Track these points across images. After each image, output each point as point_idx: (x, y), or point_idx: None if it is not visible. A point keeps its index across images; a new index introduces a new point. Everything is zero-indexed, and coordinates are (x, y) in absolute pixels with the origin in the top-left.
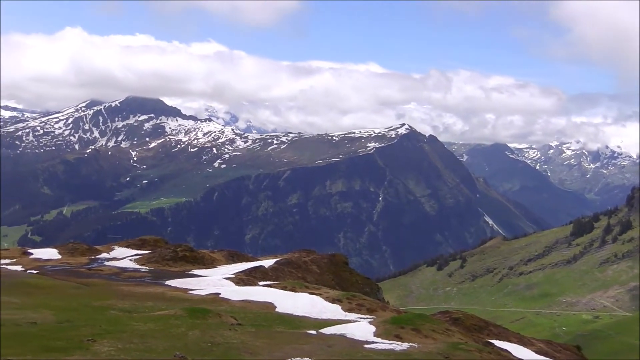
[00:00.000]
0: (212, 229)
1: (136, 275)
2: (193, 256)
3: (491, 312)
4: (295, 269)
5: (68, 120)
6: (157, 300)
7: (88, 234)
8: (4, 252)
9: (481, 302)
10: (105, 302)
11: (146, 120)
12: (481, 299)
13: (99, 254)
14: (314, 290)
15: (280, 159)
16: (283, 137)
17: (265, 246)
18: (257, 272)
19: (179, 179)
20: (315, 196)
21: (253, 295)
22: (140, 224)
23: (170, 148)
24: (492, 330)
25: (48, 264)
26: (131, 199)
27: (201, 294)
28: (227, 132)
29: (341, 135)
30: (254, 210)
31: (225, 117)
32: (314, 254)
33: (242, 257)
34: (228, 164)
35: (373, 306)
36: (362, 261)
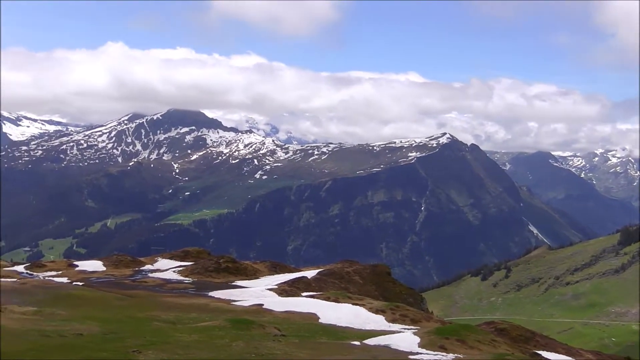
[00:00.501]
0: (254, 240)
1: (180, 286)
2: (236, 267)
3: (537, 323)
4: (337, 280)
5: (111, 133)
6: (201, 312)
7: (132, 246)
8: (51, 264)
9: (527, 313)
10: (150, 314)
11: (187, 132)
12: (527, 309)
13: (142, 265)
14: (357, 301)
15: (321, 170)
16: (324, 148)
17: (307, 257)
18: (299, 283)
19: (220, 191)
20: (357, 206)
21: (296, 306)
22: (183, 236)
23: (212, 160)
24: (539, 341)
25: (93, 276)
26: (174, 211)
27: (244, 305)
28: (267, 144)
29: (382, 145)
30: (296, 221)
31: (266, 129)
32: (356, 264)
33: (285, 268)
34: (269, 175)
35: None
36: (405, 271)
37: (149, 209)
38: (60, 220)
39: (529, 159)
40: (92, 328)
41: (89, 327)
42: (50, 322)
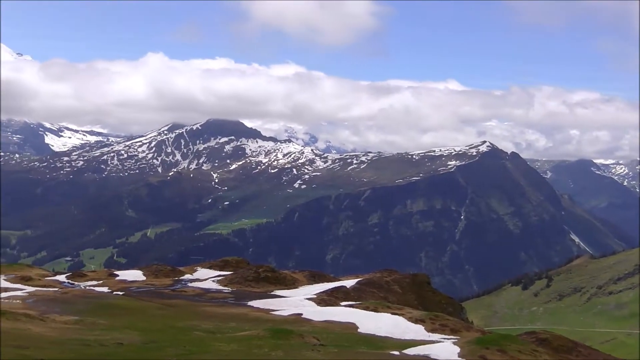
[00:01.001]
0: (293, 250)
1: (219, 296)
2: (275, 277)
3: (580, 333)
4: (377, 289)
5: (151, 143)
6: (240, 321)
7: (171, 256)
8: (92, 274)
9: (569, 322)
10: (189, 323)
11: (227, 142)
12: (569, 319)
13: (182, 275)
14: (397, 311)
15: (360, 179)
16: (363, 157)
17: (346, 266)
18: (338, 293)
19: (259, 200)
20: (396, 215)
21: (335, 316)
22: (222, 245)
23: (251, 169)
24: (582, 352)
25: (133, 286)
26: (213, 221)
27: (283, 314)
28: (306, 153)
29: (421, 154)
30: (335, 230)
31: (305, 138)
32: (395, 273)
33: (324, 277)
34: (308, 184)
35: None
36: (445, 281)
37: (189, 219)
38: (101, 230)
39: (571, 167)
40: (132, 337)
41: (130, 336)
42: (91, 332)
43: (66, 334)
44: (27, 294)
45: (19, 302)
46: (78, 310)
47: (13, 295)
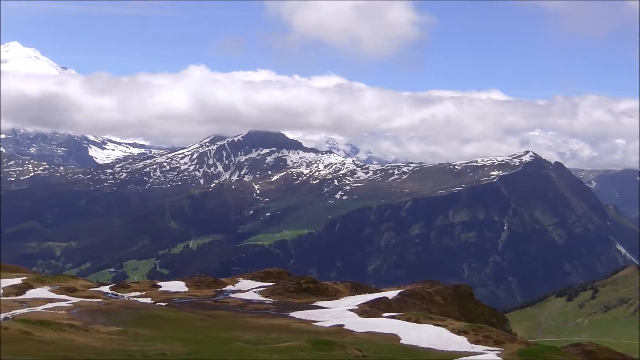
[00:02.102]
0: (335, 261)
1: (261, 307)
2: (316, 288)
3: (626, 346)
4: (419, 300)
5: (193, 155)
6: (282, 332)
7: (213, 267)
8: (135, 285)
9: (615, 335)
10: (231, 334)
11: (268, 153)
12: (615, 331)
13: (224, 286)
14: (439, 322)
15: (402, 189)
16: (404, 168)
17: (388, 277)
18: (380, 304)
19: (301, 211)
20: (438, 226)
21: (377, 327)
22: (264, 257)
23: (292, 181)
24: None
25: (176, 297)
26: (254, 232)
27: (325, 325)
28: (347, 164)
29: (463, 164)
30: (376, 241)
31: (346, 149)
32: (437, 284)
33: (365, 288)
34: (349, 195)
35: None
36: (488, 292)
37: (230, 230)
38: (143, 241)
39: (616, 177)
40: (175, 348)
41: (172, 347)
42: (135, 342)
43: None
44: (71, 304)
45: (63, 312)
46: (122, 321)
47: (58, 306)
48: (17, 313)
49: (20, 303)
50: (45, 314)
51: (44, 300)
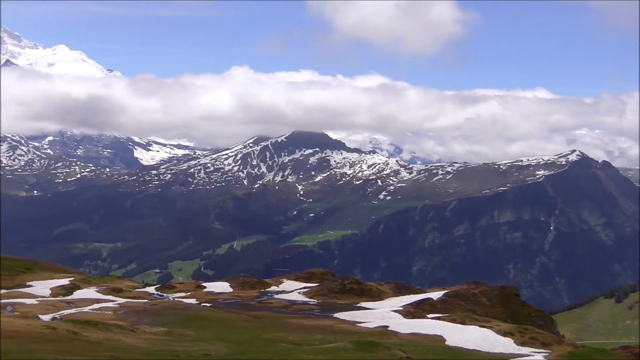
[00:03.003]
0: (379, 261)
1: (305, 308)
2: (360, 289)
3: None
4: (464, 302)
5: (237, 156)
6: (326, 333)
7: (257, 268)
8: (180, 286)
9: None
10: (276, 335)
11: (311, 154)
12: None
13: (268, 287)
14: (485, 323)
15: (446, 190)
16: (448, 167)
17: (432, 278)
18: (425, 305)
19: (344, 212)
20: (483, 227)
21: (422, 328)
22: (308, 257)
23: (336, 181)
24: None
25: (220, 297)
26: (298, 233)
27: (369, 326)
28: (391, 164)
29: (508, 164)
30: (420, 242)
31: (389, 149)
32: (483, 285)
33: (410, 289)
34: (393, 195)
35: (547, 340)
36: (534, 293)
37: (274, 231)
38: (188, 242)
39: None
40: (220, 349)
41: (217, 347)
42: (180, 343)
43: (156, 344)
44: (118, 305)
45: (110, 313)
46: (167, 321)
47: (105, 306)
48: (65, 313)
49: (68, 303)
50: (92, 315)
51: (91, 301)
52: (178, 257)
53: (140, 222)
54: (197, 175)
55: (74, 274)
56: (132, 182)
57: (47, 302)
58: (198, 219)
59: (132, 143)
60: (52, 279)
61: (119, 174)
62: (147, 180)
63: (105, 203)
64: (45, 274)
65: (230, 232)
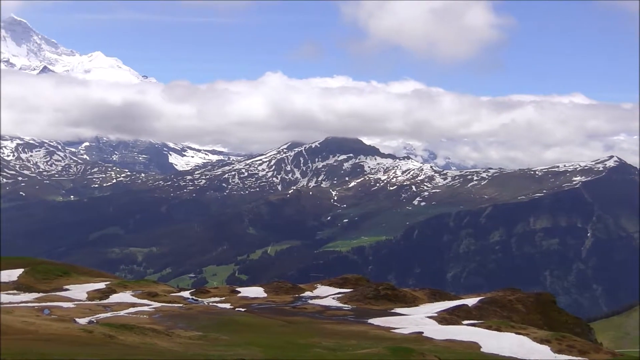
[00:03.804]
0: (413, 267)
1: (339, 313)
2: (395, 294)
3: None
4: (499, 308)
5: (271, 162)
6: (360, 339)
7: (291, 273)
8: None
9: None
10: (310, 340)
11: (345, 160)
12: None
13: (302, 292)
14: (521, 330)
15: (481, 195)
16: (483, 173)
17: (467, 284)
18: (460, 311)
19: (378, 218)
20: (519, 233)
21: (457, 335)
22: (342, 263)
23: (370, 187)
24: None
25: (254, 302)
26: (332, 238)
27: (404, 332)
28: (425, 170)
29: (545, 170)
30: (455, 248)
31: (424, 155)
32: (519, 292)
33: (445, 295)
34: (427, 201)
35: (585, 348)
36: (571, 300)
37: (308, 236)
38: (222, 247)
39: None
40: (254, 354)
41: (252, 352)
42: (215, 347)
43: (190, 349)
44: (153, 309)
45: (145, 317)
46: (202, 326)
47: (140, 310)
48: (101, 317)
49: (104, 307)
50: (128, 318)
51: (126, 305)
52: (212, 262)
53: (175, 227)
54: (232, 181)
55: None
56: (167, 188)
57: (83, 305)
58: (232, 224)
59: (167, 149)
60: (89, 283)
61: (154, 179)
62: (181, 185)
63: (140, 208)
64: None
65: (264, 238)
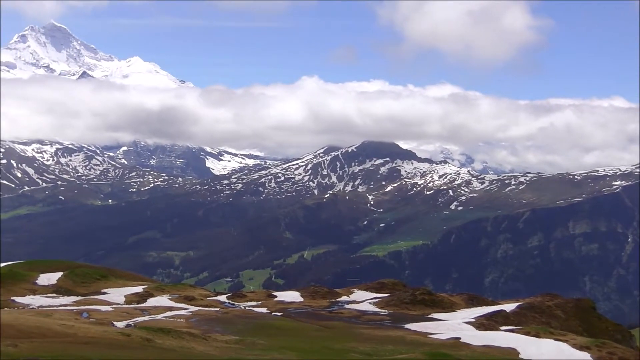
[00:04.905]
0: (450, 272)
1: (376, 318)
2: (432, 300)
3: None
4: (538, 314)
5: (307, 166)
6: (397, 344)
7: (327, 277)
8: (251, 295)
9: None
10: (346, 345)
11: (382, 164)
12: None
13: (338, 297)
14: (560, 337)
15: (519, 200)
16: (521, 177)
17: (505, 290)
18: (498, 317)
19: (415, 222)
20: (557, 238)
21: (495, 341)
22: (378, 267)
23: (406, 191)
24: None
25: (291, 307)
26: (369, 243)
27: (441, 338)
28: (462, 174)
29: (584, 174)
30: (493, 253)
31: (461, 159)
32: (558, 298)
33: (482, 300)
34: (465, 205)
35: (626, 355)
36: (611, 306)
37: (345, 241)
38: (259, 251)
39: None
40: (290, 358)
41: (288, 356)
42: (251, 351)
43: (227, 352)
44: (190, 313)
45: (182, 321)
46: (238, 330)
47: (177, 314)
48: (138, 320)
49: (141, 311)
50: (165, 322)
51: (164, 309)
52: (249, 266)
53: (212, 231)
54: (268, 185)
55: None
56: (204, 192)
57: (121, 309)
58: (269, 229)
59: (204, 153)
60: (126, 287)
61: (191, 183)
62: (218, 189)
63: (177, 212)
64: (120, 281)
65: (300, 242)
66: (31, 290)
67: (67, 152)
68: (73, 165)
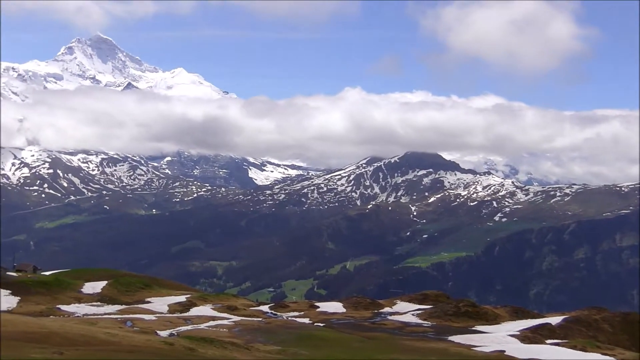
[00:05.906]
0: (494, 284)
1: (418, 329)
2: (475, 312)
3: None
4: (585, 328)
5: (350, 177)
6: (440, 356)
7: (370, 288)
8: (293, 305)
9: None
10: (389, 357)
11: (425, 175)
12: None
13: (381, 308)
14: (607, 351)
15: (564, 212)
16: (567, 189)
17: (550, 302)
18: (543, 330)
19: (459, 233)
20: (604, 250)
21: (540, 354)
22: (421, 279)
23: (450, 202)
24: None
25: (333, 317)
26: (411, 254)
27: (485, 350)
28: (507, 185)
29: (631, 186)
30: (538, 265)
31: (505, 170)
32: (605, 311)
33: (527, 313)
34: (509, 217)
35: None
36: None
37: (387, 252)
38: (301, 261)
39: None
40: None
41: None
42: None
43: None
44: (233, 322)
45: (225, 330)
46: (281, 340)
47: (220, 324)
48: (182, 330)
49: (184, 320)
50: (208, 332)
51: (206, 318)
52: (291, 276)
53: (255, 241)
54: (311, 196)
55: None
56: (247, 202)
57: (164, 318)
58: (311, 239)
59: (247, 163)
60: (170, 296)
61: (234, 193)
62: (261, 200)
63: (220, 222)
64: (163, 290)
65: (343, 252)
66: (76, 298)
67: (112, 162)
68: (118, 175)
